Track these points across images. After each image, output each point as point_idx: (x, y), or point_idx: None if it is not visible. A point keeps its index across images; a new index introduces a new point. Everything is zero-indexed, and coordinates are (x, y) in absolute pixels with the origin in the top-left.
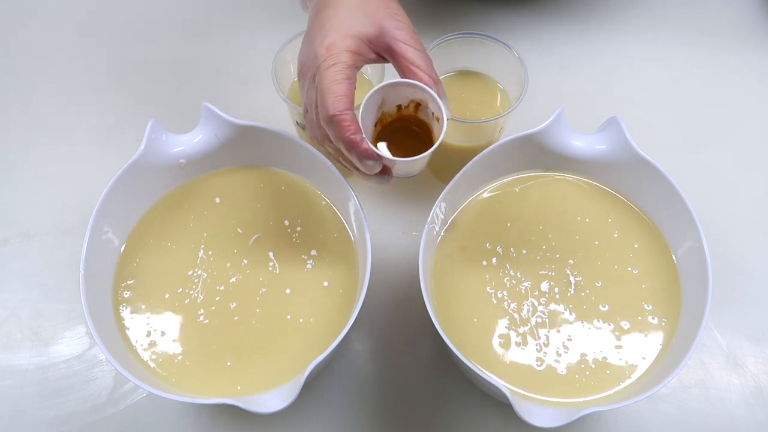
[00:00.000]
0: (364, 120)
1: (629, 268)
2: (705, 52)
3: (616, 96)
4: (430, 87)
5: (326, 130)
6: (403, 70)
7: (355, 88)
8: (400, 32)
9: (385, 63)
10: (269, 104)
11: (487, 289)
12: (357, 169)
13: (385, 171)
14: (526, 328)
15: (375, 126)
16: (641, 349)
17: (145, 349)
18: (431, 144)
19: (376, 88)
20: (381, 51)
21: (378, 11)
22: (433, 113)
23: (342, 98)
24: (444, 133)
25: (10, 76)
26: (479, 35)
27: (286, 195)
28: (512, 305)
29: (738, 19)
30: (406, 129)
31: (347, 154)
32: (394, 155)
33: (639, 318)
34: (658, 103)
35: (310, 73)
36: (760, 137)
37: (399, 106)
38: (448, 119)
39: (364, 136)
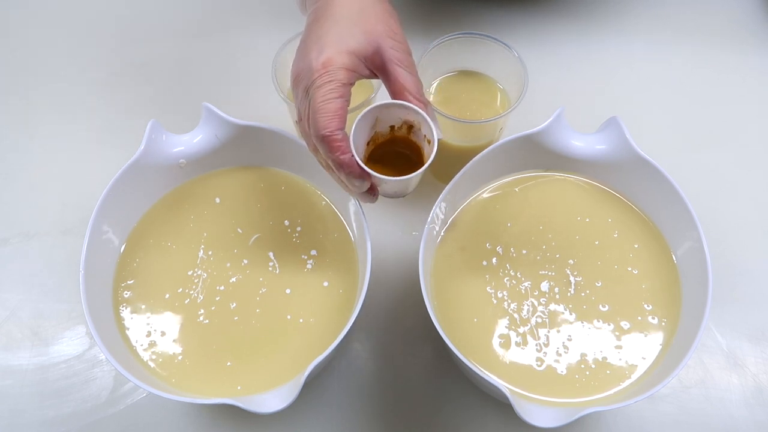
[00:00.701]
0: (356, 138)
1: (629, 268)
2: (705, 52)
3: (616, 96)
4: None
5: (318, 147)
6: (393, 92)
7: (348, 104)
8: (396, 53)
9: (377, 79)
10: (269, 104)
11: (487, 289)
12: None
13: (372, 191)
14: (526, 328)
15: (367, 145)
16: (641, 349)
17: (145, 349)
18: (421, 166)
19: (369, 108)
20: (375, 69)
21: (377, 28)
22: (425, 135)
23: (334, 117)
24: (434, 156)
25: (10, 76)
26: (479, 35)
27: (286, 195)
28: (512, 305)
29: (738, 19)
30: (397, 152)
31: (336, 172)
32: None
33: (639, 318)
34: (658, 103)
35: (303, 85)
36: (760, 137)
37: (392, 127)
38: (439, 139)
39: (354, 154)
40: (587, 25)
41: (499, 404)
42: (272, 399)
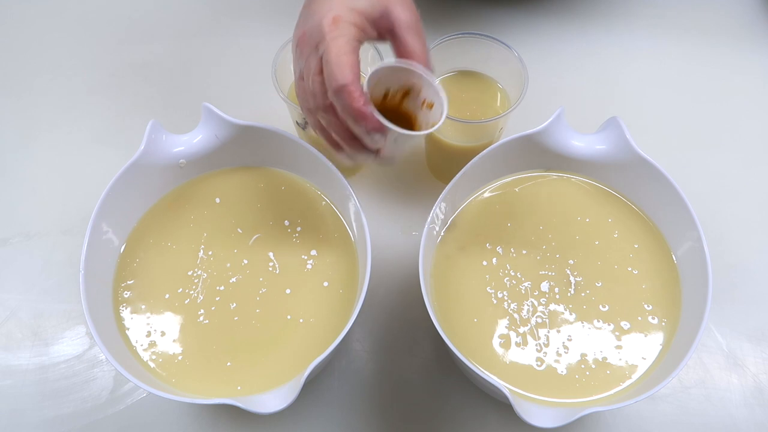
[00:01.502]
0: None
1: (629, 268)
2: (706, 52)
3: (616, 96)
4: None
5: (333, 101)
6: (400, 55)
7: (359, 62)
8: (404, 17)
9: (385, 42)
10: (269, 104)
11: (487, 289)
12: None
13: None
14: (526, 328)
15: None
16: (641, 349)
17: (145, 349)
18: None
19: (376, 68)
20: (383, 31)
21: None
22: (424, 100)
23: (351, 69)
24: (445, 113)
25: (10, 76)
26: (479, 35)
27: (286, 195)
28: (512, 305)
29: (739, 20)
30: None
31: (352, 126)
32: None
33: (639, 318)
34: (658, 103)
35: (312, 42)
36: (760, 137)
37: (385, 95)
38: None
39: (372, 107)
40: (587, 25)
41: (499, 404)
42: (272, 399)
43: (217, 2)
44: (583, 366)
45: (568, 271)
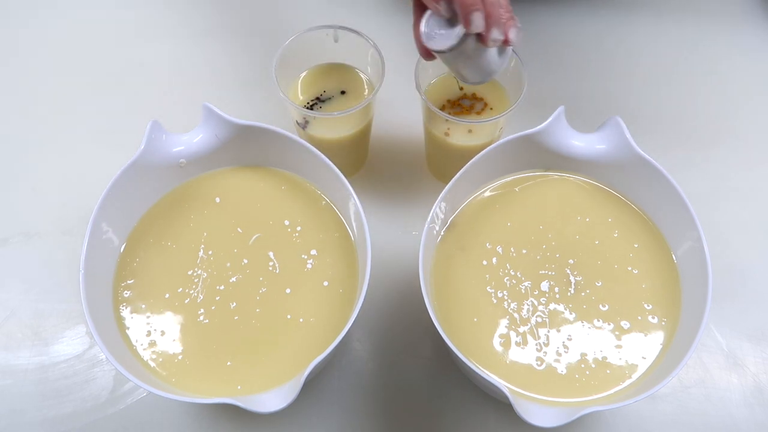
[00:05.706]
0: None
1: (629, 268)
2: (708, 52)
3: (616, 96)
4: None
5: None
6: None
7: None
8: None
9: None
10: (269, 104)
11: (487, 288)
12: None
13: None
14: (526, 328)
15: None
16: (641, 348)
17: (145, 349)
18: None
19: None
20: None
21: None
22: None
23: None
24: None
25: (9, 75)
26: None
27: (286, 195)
28: (512, 305)
29: (743, 21)
30: None
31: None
32: None
33: (639, 318)
34: (658, 103)
35: None
36: (760, 137)
37: None
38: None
39: None
40: (587, 24)
41: (499, 404)
42: (272, 398)
43: (217, 2)
44: (583, 365)
45: (568, 271)
